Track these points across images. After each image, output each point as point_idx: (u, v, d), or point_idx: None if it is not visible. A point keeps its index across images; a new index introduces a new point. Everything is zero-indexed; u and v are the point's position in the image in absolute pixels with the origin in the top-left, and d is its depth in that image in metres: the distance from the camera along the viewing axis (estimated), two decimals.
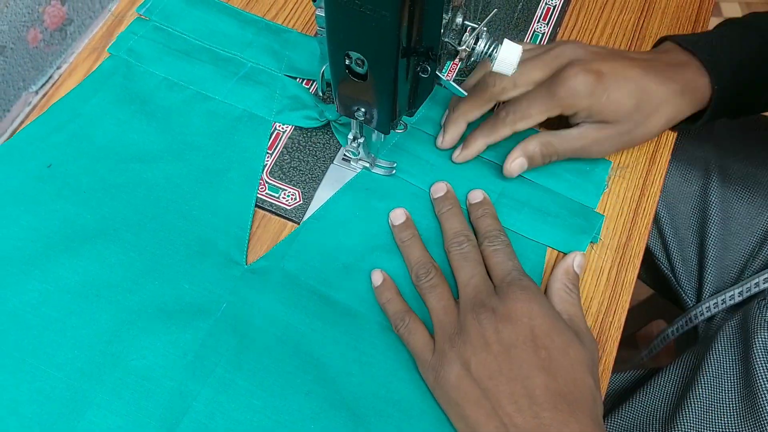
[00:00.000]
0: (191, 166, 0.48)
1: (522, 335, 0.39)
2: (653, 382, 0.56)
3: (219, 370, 0.42)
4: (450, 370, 0.39)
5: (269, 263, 0.45)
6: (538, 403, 0.37)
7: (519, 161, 0.47)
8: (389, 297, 0.44)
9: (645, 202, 0.50)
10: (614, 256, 0.48)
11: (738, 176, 0.61)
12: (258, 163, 0.48)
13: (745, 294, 0.55)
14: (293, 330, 0.43)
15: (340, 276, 0.45)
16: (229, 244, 0.46)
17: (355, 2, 0.33)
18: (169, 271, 0.44)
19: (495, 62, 0.40)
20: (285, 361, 0.42)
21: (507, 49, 0.40)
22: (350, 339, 0.43)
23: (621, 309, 0.46)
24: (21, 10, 0.60)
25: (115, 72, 0.52)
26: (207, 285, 0.44)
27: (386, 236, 0.47)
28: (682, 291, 0.62)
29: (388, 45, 0.35)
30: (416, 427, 0.41)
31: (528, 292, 0.40)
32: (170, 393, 0.41)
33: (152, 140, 0.49)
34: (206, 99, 0.51)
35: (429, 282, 0.43)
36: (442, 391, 0.40)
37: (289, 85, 0.52)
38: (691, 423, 0.51)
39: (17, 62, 0.62)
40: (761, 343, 0.50)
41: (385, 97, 0.39)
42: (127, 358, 0.42)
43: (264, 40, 0.53)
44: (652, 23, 0.58)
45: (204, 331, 0.43)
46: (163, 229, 0.46)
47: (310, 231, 0.47)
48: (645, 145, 0.52)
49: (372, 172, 0.49)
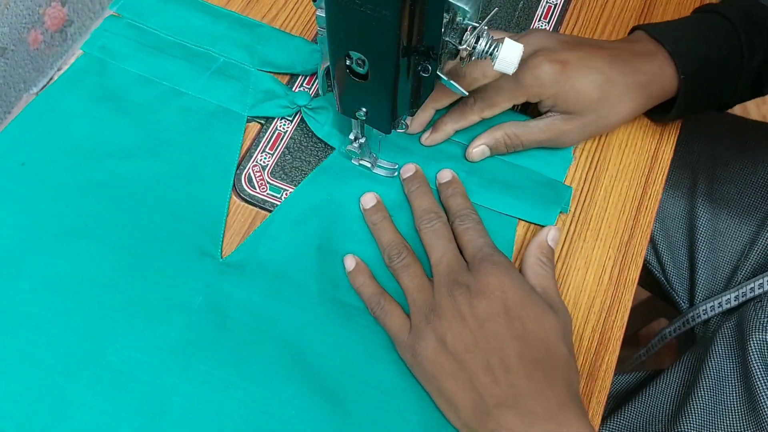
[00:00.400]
0: (166, 161, 0.48)
1: (495, 308, 0.39)
2: (655, 384, 0.56)
3: (197, 363, 0.42)
4: (426, 345, 0.40)
5: (243, 255, 0.46)
6: (514, 372, 0.38)
7: (481, 149, 0.48)
8: (362, 281, 0.44)
9: (647, 201, 0.50)
10: (616, 254, 0.48)
11: (726, 177, 0.61)
12: (232, 158, 0.49)
13: (741, 298, 0.55)
14: (269, 318, 0.44)
15: (314, 261, 0.46)
16: (204, 237, 0.46)
17: (355, 2, 0.33)
18: (145, 267, 0.45)
19: (496, 61, 0.40)
20: (263, 350, 0.43)
21: (508, 48, 0.40)
22: (326, 323, 0.44)
23: (623, 308, 0.46)
24: (21, 12, 0.60)
25: (88, 70, 0.52)
26: (182, 279, 0.44)
27: (360, 221, 0.47)
28: (675, 294, 0.63)
29: (389, 45, 0.35)
30: (396, 406, 0.41)
31: (500, 267, 0.41)
32: (148, 388, 0.41)
33: (127, 137, 0.49)
34: (180, 94, 0.51)
35: (401, 262, 0.44)
36: (420, 367, 0.40)
37: (262, 79, 0.52)
38: (694, 424, 0.51)
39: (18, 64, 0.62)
40: (756, 344, 0.50)
41: (386, 97, 0.39)
42: (104, 354, 0.42)
43: (236, 34, 0.54)
44: (655, 16, 0.58)
45: (180, 325, 0.43)
46: (139, 224, 0.46)
47: (283, 219, 0.47)
48: (646, 144, 0.52)
49: (372, 171, 0.49)
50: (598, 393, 0.44)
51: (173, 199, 0.47)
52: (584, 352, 0.45)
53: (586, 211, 0.49)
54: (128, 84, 0.51)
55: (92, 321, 0.43)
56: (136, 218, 0.46)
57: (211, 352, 0.42)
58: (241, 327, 0.43)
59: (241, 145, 0.50)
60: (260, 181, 0.49)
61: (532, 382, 0.37)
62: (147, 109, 0.50)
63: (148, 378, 0.41)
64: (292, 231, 0.46)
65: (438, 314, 0.40)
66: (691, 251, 0.61)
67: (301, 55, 0.52)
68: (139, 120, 0.50)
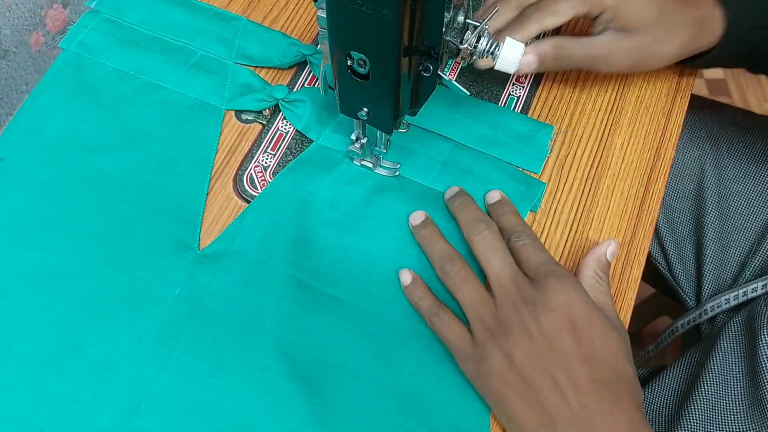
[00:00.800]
0: (143, 155, 0.49)
1: (563, 325, 0.38)
2: (659, 380, 0.56)
3: (176, 354, 0.42)
4: (493, 362, 0.39)
5: (221, 246, 0.46)
6: (583, 392, 0.37)
7: (528, 57, 0.46)
8: (420, 295, 0.44)
9: (649, 199, 0.50)
10: (619, 253, 0.48)
11: (734, 173, 0.61)
12: (210, 151, 0.49)
13: (750, 294, 0.55)
14: (247, 308, 0.44)
15: (291, 251, 0.46)
16: (183, 230, 0.46)
17: (356, 2, 0.33)
18: (124, 260, 0.45)
19: (497, 60, 0.40)
20: (241, 339, 0.43)
21: (509, 47, 0.40)
22: (303, 312, 0.44)
23: (626, 306, 0.46)
24: (23, 14, 0.60)
25: (66, 66, 0.52)
26: (161, 271, 0.45)
27: (337, 211, 0.47)
28: (681, 290, 0.62)
29: (390, 44, 0.35)
30: (372, 393, 0.42)
31: (565, 282, 0.40)
32: (127, 379, 0.42)
33: (104, 130, 0.49)
34: (157, 88, 0.51)
35: (458, 275, 0.43)
36: (485, 382, 0.40)
37: (240, 72, 0.52)
38: (697, 420, 0.51)
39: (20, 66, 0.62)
40: (765, 341, 0.50)
41: (388, 97, 0.39)
42: (84, 346, 0.42)
43: (214, 28, 0.54)
44: None
45: (158, 316, 0.43)
46: (117, 217, 0.46)
47: (259, 209, 0.47)
48: (648, 141, 0.52)
49: (374, 172, 0.49)
50: None
51: (151, 192, 0.47)
52: None
53: (588, 209, 0.49)
54: (105, 78, 0.51)
55: (72, 314, 0.43)
56: (115, 211, 0.46)
57: (190, 343, 0.43)
58: (219, 317, 0.43)
59: (218, 139, 0.50)
60: (262, 182, 0.49)
61: (602, 403, 0.37)
62: (124, 103, 0.51)
63: (128, 369, 0.42)
64: (268, 222, 0.47)
65: (504, 331, 0.39)
66: (698, 247, 0.61)
67: (279, 49, 0.53)
68: (117, 114, 0.50)
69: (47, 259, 0.45)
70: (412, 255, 0.46)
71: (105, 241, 0.45)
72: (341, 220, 0.47)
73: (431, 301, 0.43)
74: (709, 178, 0.61)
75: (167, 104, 0.51)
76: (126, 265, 0.45)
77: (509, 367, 0.39)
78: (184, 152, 0.49)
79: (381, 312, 0.44)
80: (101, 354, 0.42)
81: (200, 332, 0.43)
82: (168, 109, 0.50)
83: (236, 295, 0.44)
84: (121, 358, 0.42)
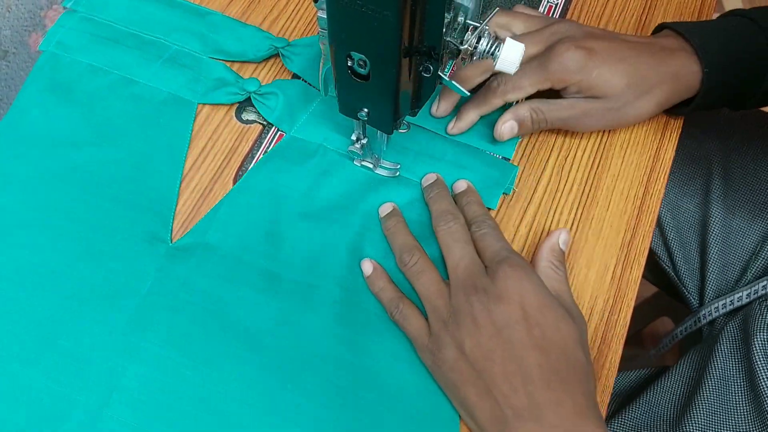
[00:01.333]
0: (116, 149, 0.49)
1: (515, 314, 0.39)
2: (660, 383, 0.56)
3: (147, 345, 0.43)
4: (446, 352, 0.40)
5: (193, 239, 0.46)
6: (532, 382, 0.37)
7: (510, 124, 0.48)
8: (381, 285, 0.44)
9: (649, 200, 0.50)
10: (619, 253, 0.48)
11: (740, 174, 0.61)
12: (183, 145, 0.50)
13: (752, 296, 0.54)
14: (218, 299, 0.44)
15: (264, 244, 0.46)
16: (155, 223, 0.47)
17: (356, 3, 0.33)
18: (97, 253, 0.45)
19: (497, 61, 0.40)
20: (213, 330, 0.43)
21: (509, 47, 0.40)
22: (274, 302, 0.44)
23: (626, 306, 0.46)
24: (23, 15, 0.60)
25: (44, 66, 0.52)
26: (133, 264, 0.45)
27: (312, 202, 0.48)
28: (685, 289, 0.62)
29: (390, 45, 0.35)
30: (343, 378, 0.42)
31: (518, 270, 0.40)
32: (99, 371, 0.42)
33: (78, 126, 0.50)
34: (131, 83, 0.51)
35: (415, 267, 0.44)
36: (441, 372, 0.41)
37: (214, 67, 0.52)
38: (699, 424, 0.50)
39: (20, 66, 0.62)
40: (760, 343, 0.50)
41: (388, 98, 0.39)
42: (58, 339, 0.43)
43: (188, 23, 0.54)
44: (655, 20, 0.58)
45: (131, 308, 0.44)
46: (91, 212, 0.47)
47: (232, 203, 0.48)
48: (648, 142, 0.52)
49: (375, 172, 0.49)
50: (601, 392, 0.44)
51: (124, 186, 0.48)
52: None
53: (588, 210, 0.49)
54: (79, 74, 0.52)
55: (45, 307, 0.44)
56: (88, 206, 0.47)
57: (161, 334, 0.43)
58: (191, 308, 0.44)
59: (191, 132, 0.50)
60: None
61: (550, 392, 0.37)
62: (97, 98, 0.51)
63: (100, 361, 0.42)
64: (242, 215, 0.47)
65: (456, 320, 0.40)
66: (702, 248, 0.61)
67: (253, 43, 0.53)
68: (90, 109, 0.50)
69: (20, 253, 0.45)
70: (384, 246, 0.47)
71: (78, 235, 0.46)
72: (315, 211, 0.47)
73: (392, 292, 0.44)
74: (716, 176, 0.61)
75: (140, 99, 0.51)
76: (99, 259, 0.45)
77: (461, 357, 0.39)
78: (157, 146, 0.49)
79: (355, 300, 0.45)
80: (74, 347, 0.43)
81: (173, 323, 0.43)
82: (141, 104, 0.51)
83: (209, 287, 0.45)
84: (93, 351, 0.42)
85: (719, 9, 1.65)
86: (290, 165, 0.49)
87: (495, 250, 0.42)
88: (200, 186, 0.49)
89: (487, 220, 0.45)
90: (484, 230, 0.44)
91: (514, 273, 0.40)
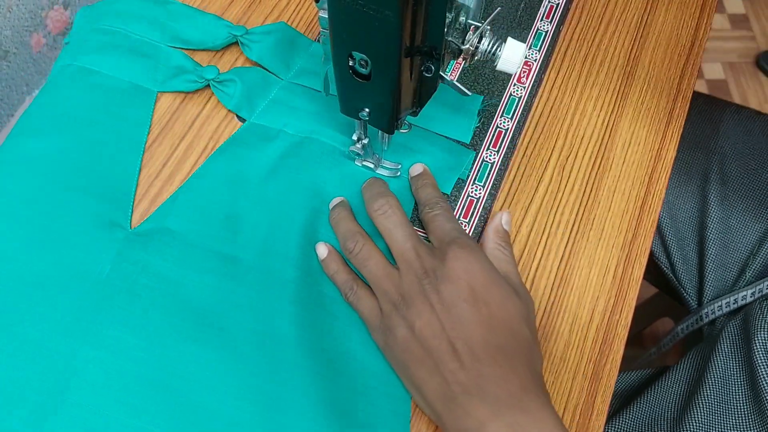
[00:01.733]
0: (75, 138, 0.49)
1: (462, 293, 0.40)
2: (661, 382, 0.56)
3: (106, 330, 0.43)
4: (396, 333, 0.40)
5: (153, 224, 0.47)
6: (479, 359, 0.38)
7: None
8: (336, 268, 0.45)
9: (650, 200, 0.50)
10: (620, 254, 0.48)
11: (737, 175, 0.61)
12: (142, 133, 0.50)
13: (756, 294, 0.54)
14: (177, 283, 0.44)
15: (223, 229, 0.46)
16: (115, 210, 0.47)
17: (358, 2, 0.33)
18: (57, 240, 0.45)
19: (499, 61, 0.40)
20: (170, 314, 0.43)
21: (511, 47, 0.39)
22: (232, 285, 0.45)
23: (628, 307, 0.46)
24: (24, 15, 0.60)
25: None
26: (92, 250, 0.45)
27: (267, 188, 0.48)
28: (683, 290, 0.62)
29: (392, 45, 0.35)
30: (300, 357, 0.43)
31: (466, 250, 0.41)
32: (57, 356, 0.42)
33: (37, 115, 0.50)
34: (90, 73, 0.52)
35: (361, 253, 0.44)
36: (392, 354, 0.41)
37: (173, 55, 0.53)
38: (700, 423, 0.51)
39: (20, 67, 0.62)
40: (761, 342, 0.50)
41: (389, 98, 0.39)
42: (16, 326, 0.43)
43: (147, 12, 0.54)
44: (656, 20, 0.58)
45: (88, 293, 0.44)
46: (50, 199, 0.47)
47: (192, 189, 0.48)
48: (650, 142, 0.52)
49: (376, 172, 0.49)
50: (602, 392, 0.44)
51: (83, 174, 0.48)
52: (588, 352, 0.45)
53: (590, 210, 0.49)
54: None
55: (8, 298, 0.44)
56: (46, 193, 0.47)
57: (120, 318, 0.43)
58: (149, 292, 0.44)
59: (150, 120, 0.50)
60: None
61: (496, 368, 0.38)
62: (57, 87, 0.51)
63: (56, 346, 0.42)
64: (200, 199, 0.47)
65: (407, 302, 0.41)
66: (700, 248, 0.61)
67: (211, 32, 0.53)
68: (49, 98, 0.51)
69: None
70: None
71: (36, 221, 0.46)
72: (272, 196, 0.48)
73: (346, 275, 0.44)
74: (714, 177, 0.61)
75: (99, 88, 0.51)
76: (57, 245, 0.45)
77: (411, 336, 0.40)
78: (116, 135, 0.49)
79: (310, 281, 0.45)
80: (32, 332, 0.43)
81: (131, 308, 0.44)
82: (101, 93, 0.51)
83: (167, 271, 0.45)
84: (50, 336, 0.42)
85: (720, 9, 1.65)
86: (249, 150, 0.49)
87: (445, 230, 0.43)
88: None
89: (439, 202, 0.45)
90: (436, 212, 0.45)
91: (463, 253, 0.41)
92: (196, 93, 0.52)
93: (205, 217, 0.47)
